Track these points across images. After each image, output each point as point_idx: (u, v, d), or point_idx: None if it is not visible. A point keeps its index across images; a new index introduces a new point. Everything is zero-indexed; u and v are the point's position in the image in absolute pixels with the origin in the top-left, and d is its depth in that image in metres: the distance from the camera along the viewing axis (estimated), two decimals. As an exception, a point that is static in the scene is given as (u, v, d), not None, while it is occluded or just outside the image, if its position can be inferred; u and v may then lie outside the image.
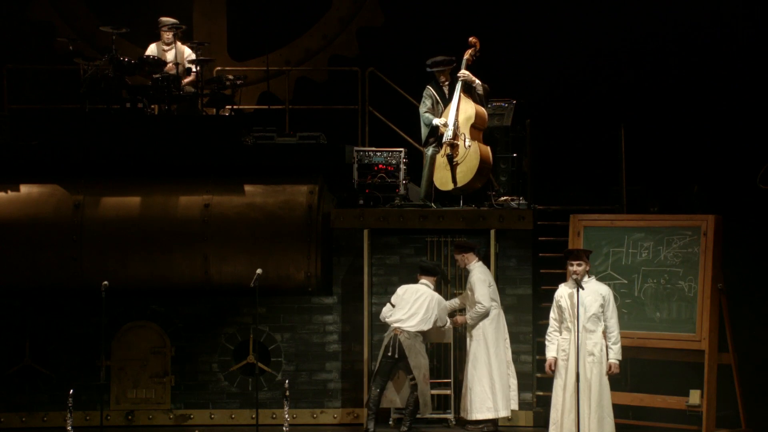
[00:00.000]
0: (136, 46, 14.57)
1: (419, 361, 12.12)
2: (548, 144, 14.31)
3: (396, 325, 12.16)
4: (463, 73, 13.17)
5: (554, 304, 11.44)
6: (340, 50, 15.94)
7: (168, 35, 13.98)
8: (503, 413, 12.31)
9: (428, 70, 13.38)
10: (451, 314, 12.60)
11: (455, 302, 12.64)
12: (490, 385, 12.24)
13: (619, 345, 11.30)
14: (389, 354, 12.11)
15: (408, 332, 12.12)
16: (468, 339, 12.42)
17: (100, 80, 13.17)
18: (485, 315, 12.27)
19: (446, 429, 12.63)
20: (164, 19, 14.02)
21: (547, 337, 11.46)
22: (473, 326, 12.34)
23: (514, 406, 12.46)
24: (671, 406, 12.32)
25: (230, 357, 13.14)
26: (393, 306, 12.29)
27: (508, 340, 12.48)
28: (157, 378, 13.07)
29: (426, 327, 12.21)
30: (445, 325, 12.44)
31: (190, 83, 13.81)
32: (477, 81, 13.21)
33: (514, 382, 12.46)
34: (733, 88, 14.73)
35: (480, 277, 12.31)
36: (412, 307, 12.19)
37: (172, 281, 12.96)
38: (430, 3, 15.50)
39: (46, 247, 12.92)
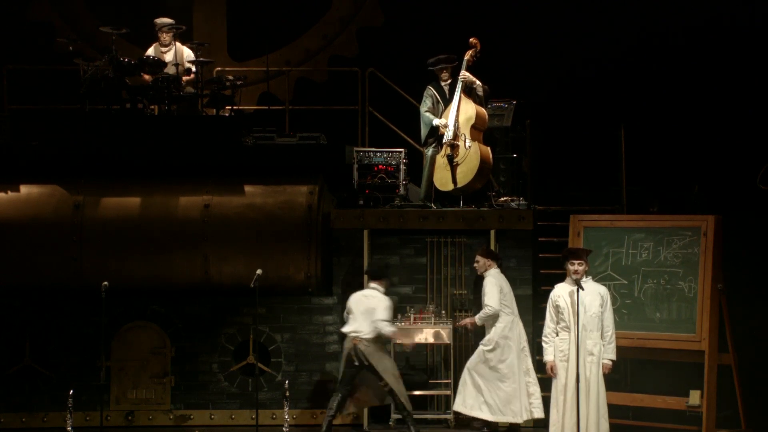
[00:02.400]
0: (136, 46, 14.57)
1: (385, 365, 12.06)
2: (548, 144, 14.31)
3: (353, 335, 12.08)
4: (464, 74, 13.17)
5: (550, 304, 11.41)
6: (340, 50, 15.94)
7: (165, 37, 13.95)
8: (505, 418, 12.23)
9: (429, 68, 13.38)
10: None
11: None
12: (476, 385, 12.21)
13: (614, 345, 11.31)
14: (355, 363, 12.01)
15: (366, 339, 12.01)
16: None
17: (100, 81, 13.18)
18: (493, 317, 12.25)
19: (446, 429, 12.63)
20: (159, 21, 13.98)
21: (544, 339, 11.44)
22: (481, 326, 12.33)
23: (538, 414, 12.24)
24: (671, 407, 12.32)
25: (230, 357, 13.14)
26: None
27: (527, 348, 12.39)
28: (157, 378, 13.07)
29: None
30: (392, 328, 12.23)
31: (189, 83, 13.81)
32: (477, 82, 13.21)
33: (536, 389, 12.29)
34: (733, 89, 14.73)
35: (493, 281, 12.29)
36: (363, 314, 12.11)
37: (172, 281, 12.96)
38: (430, 3, 15.50)
39: (46, 247, 12.92)
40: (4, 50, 14.97)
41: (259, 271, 12.08)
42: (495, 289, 12.25)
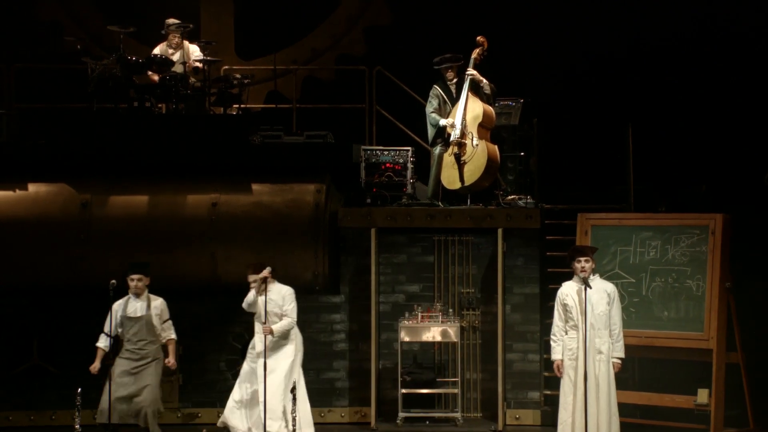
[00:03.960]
0: (143, 45, 14.59)
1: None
2: (556, 143, 14.31)
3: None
4: (471, 71, 13.17)
5: (558, 303, 11.38)
6: (348, 49, 15.95)
7: (175, 37, 13.96)
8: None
9: (435, 67, 13.38)
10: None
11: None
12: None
13: (621, 343, 11.27)
14: None
15: None
16: (273, 353, 11.69)
17: (107, 79, 13.20)
18: (290, 329, 11.81)
19: (454, 428, 12.62)
20: (170, 21, 14.01)
21: (552, 337, 11.40)
22: (278, 338, 11.73)
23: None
24: (679, 405, 12.31)
25: (238, 356, 13.13)
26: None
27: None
28: (165, 377, 13.05)
29: None
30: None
31: (197, 81, 13.81)
32: (484, 80, 13.21)
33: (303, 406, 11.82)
34: (741, 87, 14.72)
35: (291, 291, 11.81)
36: None
37: (179, 280, 12.95)
38: (437, 2, 15.50)
39: (54, 246, 12.94)
40: (12, 49, 15.01)
41: (267, 269, 11.99)
42: (294, 299, 11.81)
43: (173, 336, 11.86)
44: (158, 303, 11.83)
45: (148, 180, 13.20)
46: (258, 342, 11.79)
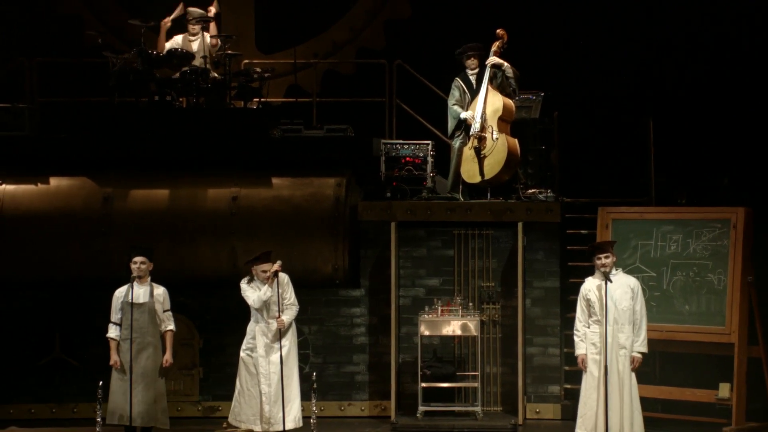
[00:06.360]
0: (164, 39, 14.60)
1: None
2: (576, 136, 14.27)
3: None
4: (492, 59, 13.09)
5: (581, 298, 11.33)
6: (368, 43, 15.94)
7: (195, 27, 13.99)
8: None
9: (457, 56, 13.32)
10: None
11: None
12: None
13: (643, 337, 11.18)
14: None
15: None
16: (281, 347, 11.70)
17: (128, 73, 13.24)
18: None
19: (474, 421, 12.61)
20: (193, 10, 14.04)
21: (575, 332, 11.34)
22: (288, 329, 11.78)
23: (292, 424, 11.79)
24: (701, 399, 12.27)
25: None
26: None
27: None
28: (186, 370, 13.12)
29: None
30: None
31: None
32: (506, 64, 13.12)
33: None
34: (763, 79, 14.63)
35: (288, 277, 11.75)
36: None
37: (200, 273, 13.00)
38: (457, -5, 15.49)
39: (75, 239, 13.00)
40: (34, 43, 15.06)
41: (278, 263, 11.90)
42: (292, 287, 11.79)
43: (172, 327, 11.57)
44: (161, 291, 11.59)
45: (169, 174, 13.24)
46: (261, 335, 11.73)
